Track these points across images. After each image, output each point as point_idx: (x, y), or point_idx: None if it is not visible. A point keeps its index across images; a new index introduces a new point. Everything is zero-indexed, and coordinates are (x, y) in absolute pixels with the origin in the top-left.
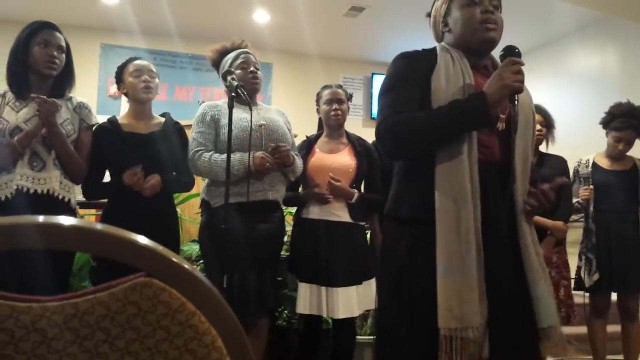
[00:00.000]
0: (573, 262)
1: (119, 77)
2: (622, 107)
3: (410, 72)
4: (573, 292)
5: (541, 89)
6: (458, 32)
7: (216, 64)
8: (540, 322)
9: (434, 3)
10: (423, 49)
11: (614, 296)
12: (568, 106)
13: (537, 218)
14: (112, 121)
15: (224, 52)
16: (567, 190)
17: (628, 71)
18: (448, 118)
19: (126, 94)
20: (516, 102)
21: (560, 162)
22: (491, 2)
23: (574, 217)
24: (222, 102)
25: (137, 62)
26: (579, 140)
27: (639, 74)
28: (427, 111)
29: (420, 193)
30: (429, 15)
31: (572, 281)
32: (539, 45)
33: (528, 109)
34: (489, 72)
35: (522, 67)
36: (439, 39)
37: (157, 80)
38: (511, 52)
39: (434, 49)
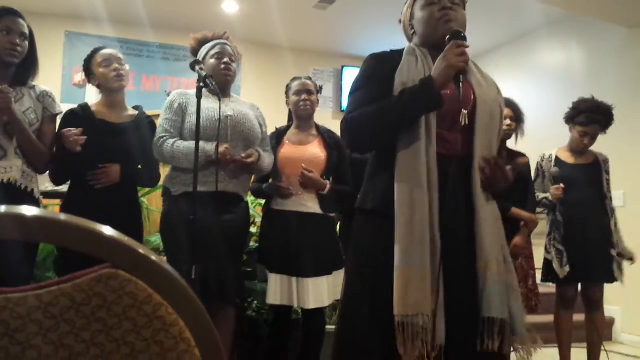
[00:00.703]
0: (537, 253)
1: (88, 70)
2: (587, 103)
3: (375, 72)
4: (539, 283)
5: (508, 84)
6: (421, 32)
7: (195, 52)
8: (483, 312)
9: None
10: (391, 50)
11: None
12: (534, 101)
13: (514, 210)
14: (84, 107)
15: (203, 42)
16: (531, 185)
17: (593, 68)
18: (398, 105)
19: (98, 86)
20: (461, 82)
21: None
22: (451, 0)
23: (538, 209)
24: (193, 91)
25: (104, 51)
26: (543, 134)
27: (604, 70)
28: (380, 103)
29: (383, 187)
30: (400, 21)
31: (539, 272)
32: (507, 42)
33: (493, 102)
34: None
35: (468, 54)
36: (410, 40)
37: (127, 67)
38: (456, 35)
39: (402, 49)
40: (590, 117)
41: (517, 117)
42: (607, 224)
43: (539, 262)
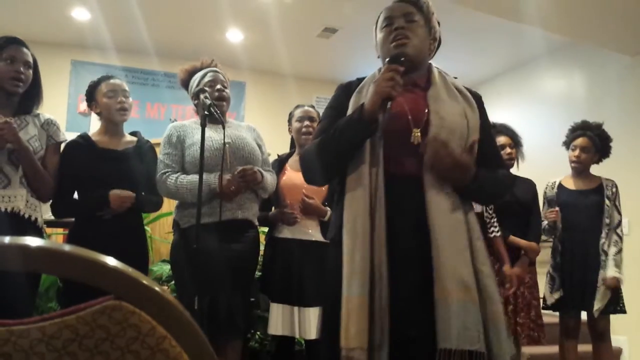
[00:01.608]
0: (542, 282)
1: (91, 96)
2: (578, 123)
3: (337, 102)
4: (543, 311)
5: (510, 111)
6: (380, 55)
7: (185, 83)
8: (439, 342)
9: None
10: (358, 78)
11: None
12: (536, 128)
13: (512, 238)
14: (85, 137)
15: (193, 72)
16: (536, 212)
17: (595, 95)
18: (335, 134)
19: (99, 114)
20: (387, 107)
21: (529, 184)
22: (405, 18)
23: (544, 237)
24: (189, 122)
25: (111, 81)
26: (547, 161)
27: (606, 98)
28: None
29: (338, 215)
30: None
31: (541, 301)
32: (509, 69)
33: (455, 117)
34: (418, 87)
35: (398, 79)
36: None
37: (130, 99)
38: (393, 59)
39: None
40: (580, 132)
41: (515, 142)
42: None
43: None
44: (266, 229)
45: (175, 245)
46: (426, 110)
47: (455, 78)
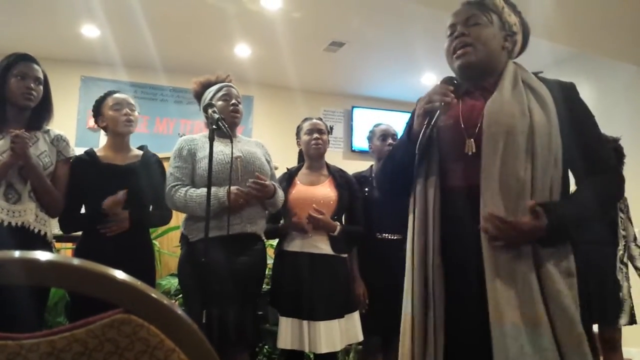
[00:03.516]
0: None
1: (97, 111)
2: None
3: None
4: None
5: None
6: (448, 64)
7: (198, 95)
8: None
9: None
10: None
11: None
12: None
13: None
14: (90, 153)
15: (207, 85)
16: None
17: (603, 106)
18: (391, 152)
19: (104, 128)
20: (430, 124)
21: None
22: (465, 23)
23: None
24: (199, 135)
25: (116, 95)
26: None
27: (614, 108)
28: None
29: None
30: None
31: None
32: None
33: (508, 121)
34: (487, 92)
35: (436, 100)
36: None
37: (136, 112)
38: (444, 80)
39: None
40: None
41: None
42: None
43: None
44: (275, 242)
45: (183, 258)
46: (480, 119)
47: (540, 72)
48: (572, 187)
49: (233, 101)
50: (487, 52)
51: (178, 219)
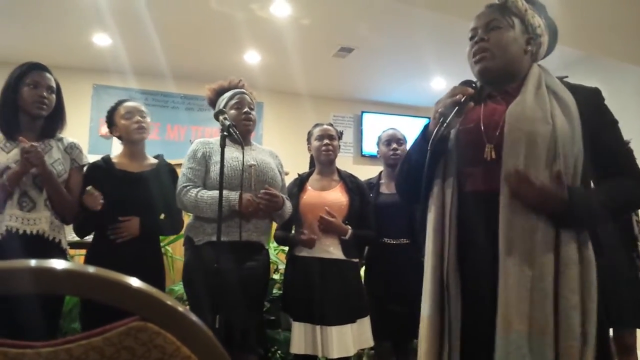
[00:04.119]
0: None
1: (111, 121)
2: None
3: None
4: None
5: None
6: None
7: (213, 102)
8: None
9: None
10: None
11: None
12: None
13: None
14: (105, 159)
15: (220, 91)
16: None
17: (612, 109)
18: (408, 153)
19: (119, 137)
20: (444, 123)
21: None
22: (486, 27)
23: None
24: (215, 139)
25: (127, 104)
26: None
27: (625, 111)
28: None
29: None
30: None
31: None
32: None
33: (530, 129)
34: (510, 96)
35: (450, 103)
36: None
37: (148, 119)
38: (462, 83)
39: None
40: None
41: None
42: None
43: None
44: (286, 247)
45: (188, 262)
46: (501, 123)
47: (565, 77)
48: None
49: (245, 109)
50: (506, 57)
51: None
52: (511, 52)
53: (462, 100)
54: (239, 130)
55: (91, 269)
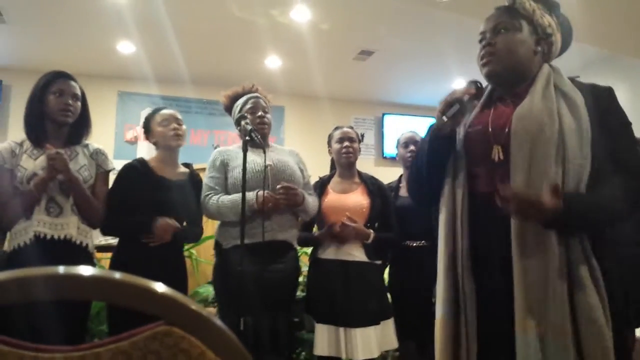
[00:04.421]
0: None
1: (147, 128)
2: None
3: None
4: None
5: None
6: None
7: (228, 108)
8: None
9: None
10: None
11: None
12: None
13: None
14: (141, 162)
15: (235, 97)
16: None
17: (637, 107)
18: (417, 154)
19: (155, 143)
20: (450, 116)
21: None
22: (494, 30)
23: None
24: (234, 146)
25: (164, 111)
26: None
27: None
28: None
29: None
30: None
31: None
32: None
33: (524, 131)
34: (518, 98)
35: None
36: None
37: (184, 127)
38: (469, 83)
39: None
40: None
41: None
42: None
43: None
44: (309, 250)
45: (217, 266)
46: (508, 124)
47: (577, 77)
48: None
49: (259, 113)
50: (513, 59)
51: (213, 227)
52: (519, 54)
53: (466, 98)
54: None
55: (117, 275)
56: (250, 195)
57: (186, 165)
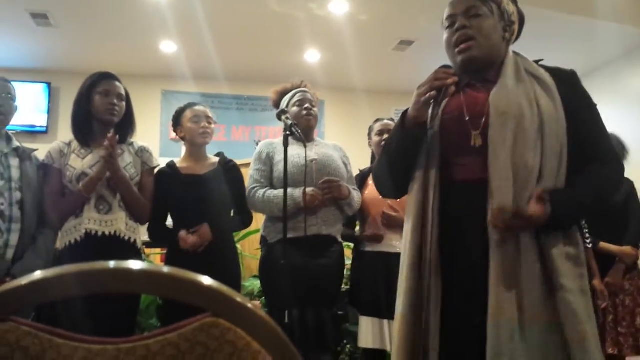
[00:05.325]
0: None
1: (177, 121)
2: None
3: None
4: None
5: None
6: (448, 56)
7: (277, 104)
8: None
9: None
10: None
11: None
12: (626, 129)
13: (603, 245)
14: (171, 165)
15: (284, 93)
16: (633, 213)
17: None
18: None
19: (183, 138)
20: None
21: (627, 183)
22: (466, 14)
23: None
24: (279, 139)
25: (196, 108)
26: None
27: None
28: None
29: None
30: None
31: None
32: (590, 71)
33: (516, 112)
34: (490, 83)
35: (428, 88)
36: None
37: (213, 125)
38: (443, 66)
39: None
40: None
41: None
42: None
43: None
44: (352, 244)
45: (263, 260)
46: (486, 110)
47: (541, 60)
48: None
49: (306, 105)
50: (489, 45)
51: (258, 222)
52: (493, 39)
53: (450, 84)
54: (301, 126)
55: (165, 269)
56: (297, 192)
57: (218, 154)
